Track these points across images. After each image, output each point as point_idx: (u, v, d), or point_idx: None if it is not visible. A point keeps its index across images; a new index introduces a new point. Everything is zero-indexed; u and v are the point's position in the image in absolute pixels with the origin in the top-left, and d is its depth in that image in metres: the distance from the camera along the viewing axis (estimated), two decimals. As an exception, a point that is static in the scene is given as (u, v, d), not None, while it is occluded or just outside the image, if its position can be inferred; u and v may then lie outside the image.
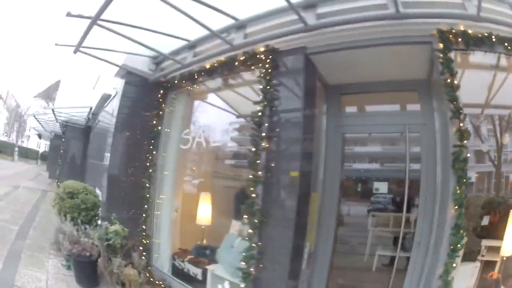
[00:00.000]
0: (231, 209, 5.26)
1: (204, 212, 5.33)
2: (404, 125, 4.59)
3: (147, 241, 5.34)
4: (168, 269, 5.35)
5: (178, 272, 5.12)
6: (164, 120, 5.73)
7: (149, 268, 5.21)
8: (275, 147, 4.04)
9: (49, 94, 47.49)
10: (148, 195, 5.48)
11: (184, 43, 5.04)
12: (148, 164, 5.54)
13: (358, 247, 5.74)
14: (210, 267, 4.65)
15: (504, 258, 3.82)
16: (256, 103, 4.19)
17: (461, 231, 3.23)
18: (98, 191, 6.18)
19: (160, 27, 4.50)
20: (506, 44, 3.67)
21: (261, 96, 4.15)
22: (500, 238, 3.82)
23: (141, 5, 4.22)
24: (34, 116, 19.13)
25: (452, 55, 3.59)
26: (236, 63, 4.56)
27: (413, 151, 4.54)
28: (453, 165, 3.34)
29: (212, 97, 5.60)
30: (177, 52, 5.10)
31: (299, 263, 4.03)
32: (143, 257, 5.03)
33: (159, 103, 5.72)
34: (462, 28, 3.61)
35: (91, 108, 11.57)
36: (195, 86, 5.48)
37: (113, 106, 6.66)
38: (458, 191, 3.27)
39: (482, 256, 3.96)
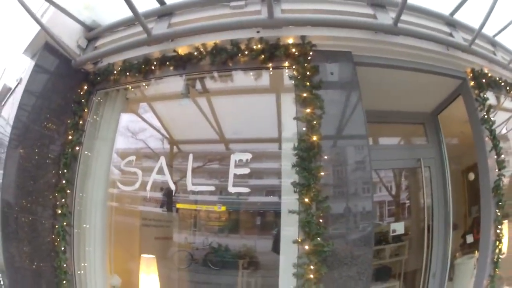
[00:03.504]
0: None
1: (149, 285, 3.30)
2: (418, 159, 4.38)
3: None
4: None
5: None
6: (86, 137, 3.46)
7: None
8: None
9: None
10: (64, 264, 3.08)
11: (151, 6, 3.10)
12: (60, 211, 3.13)
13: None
14: None
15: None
16: (298, 119, 2.67)
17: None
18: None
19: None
20: (507, 88, 4.16)
21: (307, 109, 2.67)
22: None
23: None
24: None
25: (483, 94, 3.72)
26: (244, 53, 2.95)
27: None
28: (493, 191, 3.48)
29: (180, 104, 3.58)
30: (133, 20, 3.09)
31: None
32: None
33: (79, 105, 3.45)
34: (486, 71, 3.81)
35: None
36: (146, 83, 3.43)
37: (11, 103, 3.82)
38: (499, 213, 3.44)
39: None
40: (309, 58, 2.85)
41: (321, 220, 2.50)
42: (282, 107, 3.01)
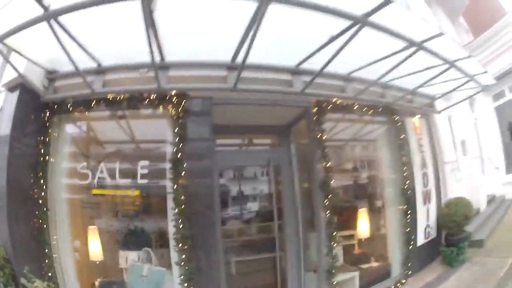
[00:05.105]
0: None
1: (95, 247, 5.33)
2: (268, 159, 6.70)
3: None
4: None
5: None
6: (51, 148, 5.20)
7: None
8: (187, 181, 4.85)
9: None
10: (46, 238, 4.83)
11: (91, 64, 4.84)
12: (40, 201, 4.87)
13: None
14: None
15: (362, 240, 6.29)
16: (171, 143, 4.85)
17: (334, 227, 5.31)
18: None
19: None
20: (364, 109, 5.98)
21: (177, 138, 4.83)
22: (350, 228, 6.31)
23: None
24: None
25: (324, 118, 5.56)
26: (146, 101, 4.98)
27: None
28: (320, 187, 5.39)
29: (110, 129, 5.53)
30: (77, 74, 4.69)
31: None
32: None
33: (45, 126, 5.12)
34: (334, 100, 5.56)
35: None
36: (88, 113, 5.31)
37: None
38: (327, 202, 5.29)
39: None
40: (182, 104, 4.87)
41: (183, 197, 4.70)
42: (167, 133, 5.02)
